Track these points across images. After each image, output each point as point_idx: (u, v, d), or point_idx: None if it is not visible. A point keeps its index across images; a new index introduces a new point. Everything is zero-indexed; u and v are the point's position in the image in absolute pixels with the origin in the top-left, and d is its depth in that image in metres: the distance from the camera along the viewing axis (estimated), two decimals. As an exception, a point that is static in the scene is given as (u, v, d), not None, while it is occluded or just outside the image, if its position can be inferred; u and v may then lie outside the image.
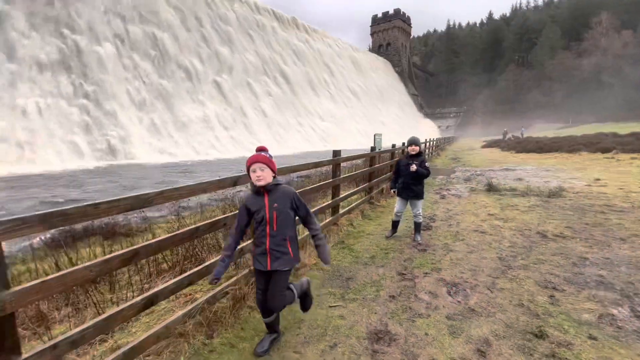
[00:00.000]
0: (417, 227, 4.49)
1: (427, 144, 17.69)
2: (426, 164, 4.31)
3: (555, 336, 2.26)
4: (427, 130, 76.92)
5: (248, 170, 2.02)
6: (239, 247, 2.82)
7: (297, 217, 2.17)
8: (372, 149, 6.97)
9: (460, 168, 13.87)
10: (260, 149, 2.09)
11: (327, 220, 4.69)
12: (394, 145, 9.27)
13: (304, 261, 3.64)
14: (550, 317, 2.52)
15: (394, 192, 4.54)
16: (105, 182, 13.94)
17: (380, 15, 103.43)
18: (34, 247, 4.64)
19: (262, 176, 1.98)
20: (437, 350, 2.17)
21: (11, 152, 18.81)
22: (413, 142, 4.37)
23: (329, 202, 4.84)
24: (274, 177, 2.06)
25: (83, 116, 23.43)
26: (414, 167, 4.16)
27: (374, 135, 11.71)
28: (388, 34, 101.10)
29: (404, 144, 8.25)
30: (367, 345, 2.24)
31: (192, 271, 2.30)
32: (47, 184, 13.54)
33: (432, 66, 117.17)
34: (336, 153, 4.84)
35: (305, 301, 2.42)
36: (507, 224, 5.18)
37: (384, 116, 70.21)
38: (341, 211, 5.21)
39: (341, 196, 5.15)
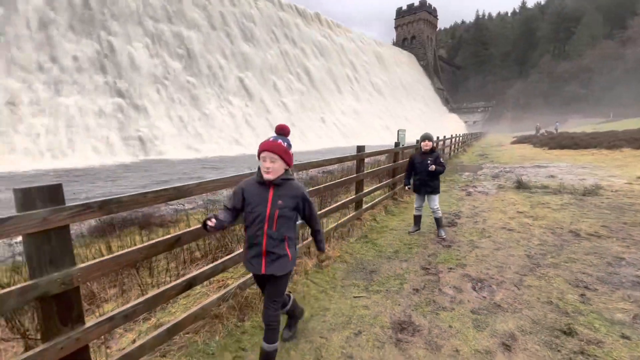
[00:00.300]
0: (438, 222, 4.51)
1: (453, 139, 17.18)
2: (441, 159, 4.37)
3: (584, 334, 2.23)
4: (452, 125, 74.68)
5: (259, 156, 1.72)
6: None
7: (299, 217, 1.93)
8: (396, 144, 6.94)
9: (487, 165, 13.43)
10: (281, 129, 1.77)
11: (351, 215, 4.77)
12: (417, 141, 9.14)
13: (328, 253, 3.74)
14: (580, 315, 2.47)
15: (409, 188, 4.65)
16: (142, 177, 14.70)
17: (405, 7, 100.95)
18: (81, 235, 5.05)
19: (272, 169, 1.68)
20: (461, 342, 2.21)
21: (54, 148, 20.27)
22: (426, 137, 4.42)
23: (353, 196, 4.91)
24: (287, 170, 1.77)
25: (117, 114, 24.77)
26: (432, 167, 4.23)
27: (398, 131, 11.54)
28: (413, 27, 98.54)
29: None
30: (391, 335, 2.30)
31: (225, 258, 2.46)
32: (89, 178, 14.48)
33: (459, 59, 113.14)
34: (360, 148, 4.88)
35: (295, 312, 2.27)
36: (537, 222, 5.02)
37: (408, 111, 68.82)
38: (364, 206, 5.25)
39: (365, 191, 5.20)
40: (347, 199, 4.80)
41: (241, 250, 2.72)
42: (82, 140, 21.66)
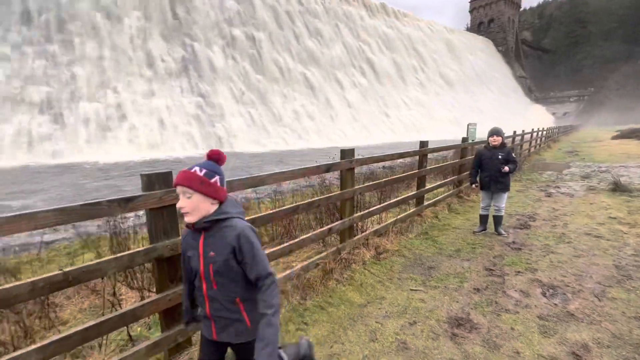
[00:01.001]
0: (498, 220, 4.33)
1: (533, 134, 15.19)
2: (512, 154, 4.16)
3: (680, 356, 1.97)
4: (536, 117, 66.35)
5: None
6: (331, 225, 3.17)
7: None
8: (464, 139, 6.58)
9: (577, 163, 11.76)
10: (212, 155, 1.27)
11: (411, 211, 4.74)
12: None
13: (386, 246, 3.82)
14: (677, 336, 2.17)
15: (476, 186, 4.47)
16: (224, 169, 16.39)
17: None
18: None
19: (188, 208, 1.17)
20: (524, 345, 2.14)
21: (149, 142, 23.69)
22: (495, 132, 4.20)
23: (414, 192, 4.87)
24: (221, 204, 1.23)
25: (197, 112, 27.78)
26: (506, 169, 4.06)
27: (467, 125, 10.80)
28: (491, 9, 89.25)
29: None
30: (446, 328, 2.34)
31: (292, 242, 2.75)
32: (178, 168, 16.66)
33: (548, 41, 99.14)
34: (423, 144, 4.80)
35: None
36: (634, 229, 4.35)
37: (482, 103, 63.10)
38: (426, 203, 5.16)
39: (426, 187, 5.10)
40: (408, 195, 4.78)
41: (304, 236, 2.98)
42: (171, 135, 24.89)
